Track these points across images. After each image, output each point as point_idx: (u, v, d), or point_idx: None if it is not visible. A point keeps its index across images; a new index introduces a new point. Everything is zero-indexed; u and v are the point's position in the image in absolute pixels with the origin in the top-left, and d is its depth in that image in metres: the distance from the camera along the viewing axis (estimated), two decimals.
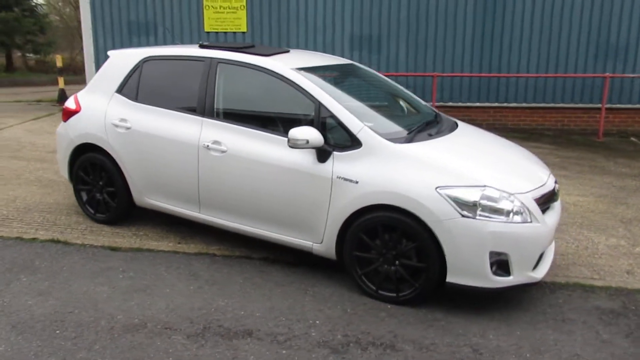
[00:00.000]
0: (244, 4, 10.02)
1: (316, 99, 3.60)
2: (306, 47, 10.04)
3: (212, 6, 10.08)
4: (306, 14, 9.95)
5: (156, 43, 10.39)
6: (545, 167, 3.94)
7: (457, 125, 4.23)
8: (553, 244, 3.82)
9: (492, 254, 3.16)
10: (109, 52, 4.69)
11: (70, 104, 4.67)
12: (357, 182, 3.38)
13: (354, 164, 3.43)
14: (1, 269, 3.72)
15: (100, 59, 10.55)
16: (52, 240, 4.22)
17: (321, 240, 3.61)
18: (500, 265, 3.22)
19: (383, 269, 3.42)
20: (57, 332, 2.97)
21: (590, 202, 5.58)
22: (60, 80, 11.36)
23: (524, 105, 9.87)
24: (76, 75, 14.58)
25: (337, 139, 3.53)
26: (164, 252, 4.12)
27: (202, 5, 10.10)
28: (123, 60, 4.50)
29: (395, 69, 9.93)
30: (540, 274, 3.39)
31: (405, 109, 4.47)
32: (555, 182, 3.79)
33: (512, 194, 3.23)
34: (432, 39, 9.73)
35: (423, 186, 3.22)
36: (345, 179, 3.42)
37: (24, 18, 17.42)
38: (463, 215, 3.13)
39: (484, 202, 3.15)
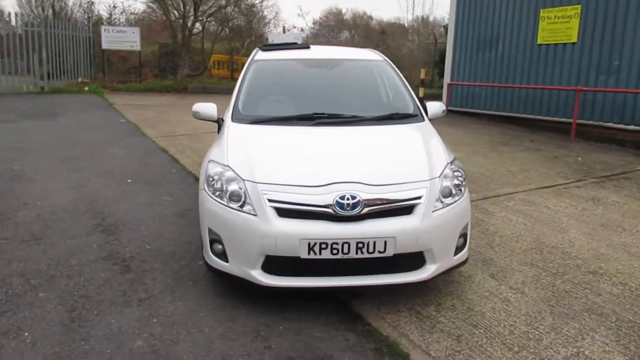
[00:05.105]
0: (579, 11, 8.84)
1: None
2: None
3: (547, 17, 9.40)
4: None
5: (496, 58, 10.57)
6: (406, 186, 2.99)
7: (397, 123, 3.76)
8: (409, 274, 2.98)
9: (210, 231, 3.15)
10: None
11: None
12: None
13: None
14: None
15: (454, 71, 11.75)
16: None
17: None
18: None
19: None
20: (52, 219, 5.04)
21: None
22: (421, 90, 12.95)
23: None
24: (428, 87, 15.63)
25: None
26: None
27: (538, 18, 9.57)
28: None
29: None
30: (275, 281, 2.92)
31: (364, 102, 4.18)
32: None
33: (244, 180, 3.06)
34: None
35: (206, 157, 3.50)
36: None
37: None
38: (202, 188, 3.27)
39: (217, 178, 3.17)
